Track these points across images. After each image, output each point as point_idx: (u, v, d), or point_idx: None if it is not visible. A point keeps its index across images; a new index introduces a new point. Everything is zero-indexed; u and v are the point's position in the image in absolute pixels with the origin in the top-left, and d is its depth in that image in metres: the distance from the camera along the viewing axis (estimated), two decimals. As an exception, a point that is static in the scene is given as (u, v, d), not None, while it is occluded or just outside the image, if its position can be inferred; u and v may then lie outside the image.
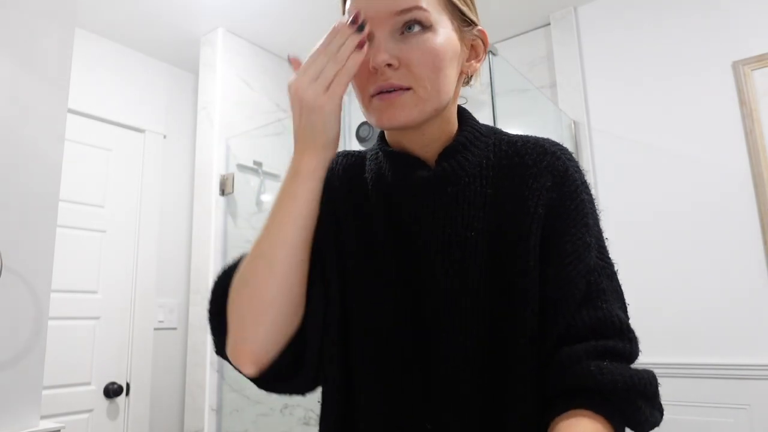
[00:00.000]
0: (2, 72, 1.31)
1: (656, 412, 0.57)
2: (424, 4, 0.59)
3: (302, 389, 0.67)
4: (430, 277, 0.63)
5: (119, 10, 2.27)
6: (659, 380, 0.58)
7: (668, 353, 1.90)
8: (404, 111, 0.59)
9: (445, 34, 0.60)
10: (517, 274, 0.60)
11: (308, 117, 0.59)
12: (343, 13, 0.67)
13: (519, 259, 0.61)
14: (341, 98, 0.59)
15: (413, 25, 0.59)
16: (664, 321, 1.93)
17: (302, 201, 0.60)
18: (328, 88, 0.58)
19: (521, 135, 0.70)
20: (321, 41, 0.60)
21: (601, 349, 0.56)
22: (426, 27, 0.59)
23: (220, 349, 0.65)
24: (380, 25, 0.59)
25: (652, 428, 0.57)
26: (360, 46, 0.58)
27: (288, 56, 0.63)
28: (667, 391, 1.99)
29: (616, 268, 0.64)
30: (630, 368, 0.56)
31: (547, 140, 0.68)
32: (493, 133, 0.69)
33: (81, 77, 2.29)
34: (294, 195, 0.60)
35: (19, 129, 1.32)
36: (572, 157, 0.68)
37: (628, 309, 0.63)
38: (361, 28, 0.58)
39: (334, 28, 0.59)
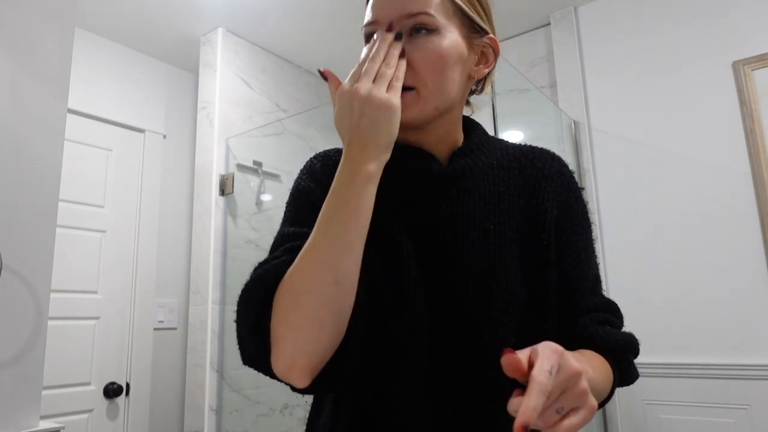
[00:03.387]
0: (2, 72, 1.31)
1: (635, 369, 0.71)
2: (431, 10, 0.64)
3: (345, 386, 0.63)
4: (451, 266, 0.65)
5: (119, 10, 2.27)
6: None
7: (668, 353, 1.90)
8: (407, 109, 0.62)
9: (451, 38, 0.65)
10: (542, 265, 0.68)
11: (373, 116, 0.58)
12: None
13: (543, 253, 0.68)
14: (399, 99, 0.60)
15: (420, 28, 0.64)
16: (664, 321, 1.93)
17: (364, 204, 0.58)
18: (389, 88, 0.60)
19: (523, 144, 0.77)
20: (365, 51, 0.64)
21: (602, 319, 0.69)
22: (431, 30, 0.64)
23: (257, 361, 0.60)
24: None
25: (635, 379, 0.71)
26: (402, 55, 0.62)
27: (319, 70, 0.66)
28: (667, 391, 1.99)
29: (598, 261, 0.77)
30: (622, 332, 0.70)
31: (548, 149, 0.77)
32: (498, 141, 0.76)
33: (81, 77, 2.30)
34: (355, 199, 0.58)
35: (19, 129, 1.32)
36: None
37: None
38: (398, 37, 0.63)
39: (376, 38, 0.64)
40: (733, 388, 1.78)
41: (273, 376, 0.60)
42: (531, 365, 0.44)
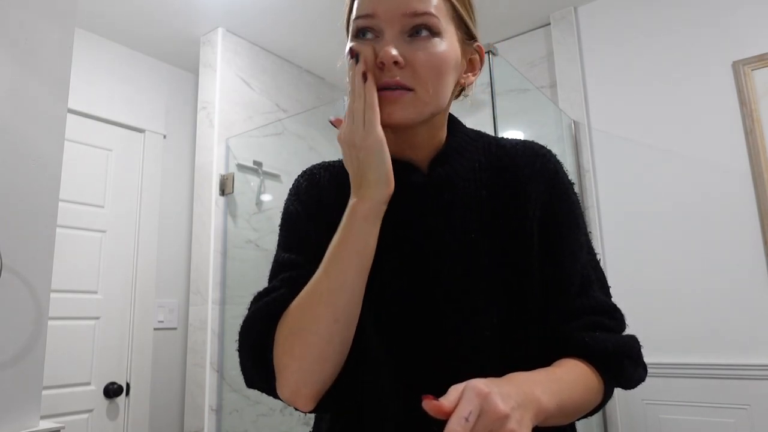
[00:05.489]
0: (2, 72, 1.31)
1: (640, 369, 0.66)
2: (435, 11, 0.61)
3: (346, 404, 0.66)
4: (435, 280, 0.64)
5: (119, 10, 2.27)
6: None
7: (668, 353, 1.90)
8: (404, 110, 0.61)
9: (450, 42, 0.63)
10: (523, 273, 0.65)
11: (358, 157, 0.60)
12: (350, 11, 0.68)
13: (524, 259, 0.65)
14: (380, 131, 0.59)
15: (422, 29, 0.61)
16: (663, 321, 1.93)
17: (361, 244, 0.60)
18: (364, 125, 0.59)
19: (507, 138, 0.74)
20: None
21: (591, 323, 0.65)
22: (434, 33, 0.61)
23: (261, 386, 0.63)
24: (390, 24, 0.61)
25: (638, 383, 0.67)
26: (364, 77, 0.60)
27: (329, 120, 0.65)
28: (667, 391, 1.99)
29: (599, 258, 0.72)
30: (616, 335, 0.65)
31: (534, 142, 0.72)
32: (481, 137, 0.73)
33: (81, 77, 2.29)
34: (351, 239, 0.60)
35: (19, 129, 1.32)
36: (557, 158, 0.73)
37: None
38: (357, 59, 0.60)
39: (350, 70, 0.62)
40: (733, 388, 1.78)
41: (277, 397, 0.62)
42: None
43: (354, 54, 0.60)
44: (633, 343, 0.66)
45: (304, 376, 0.59)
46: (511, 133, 2.23)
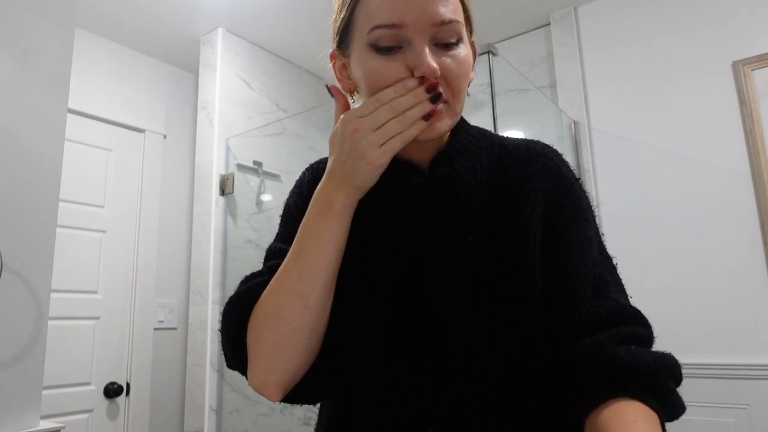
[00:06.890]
0: (2, 72, 1.31)
1: (681, 399, 0.55)
2: (459, 18, 0.59)
3: (321, 398, 0.67)
4: (431, 282, 0.62)
5: (119, 10, 2.27)
6: None
7: (668, 353, 1.90)
8: (442, 124, 0.59)
9: (467, 45, 0.61)
10: (519, 275, 0.61)
11: (355, 162, 0.56)
12: (346, 12, 0.63)
13: (521, 260, 0.61)
14: (390, 159, 0.57)
15: (452, 37, 0.58)
16: (664, 321, 1.92)
17: (335, 238, 0.59)
18: (383, 146, 0.56)
19: (511, 138, 0.71)
20: (387, 91, 0.57)
21: (624, 334, 0.55)
22: (460, 39, 0.59)
23: (238, 370, 0.64)
24: (420, 34, 0.57)
25: (683, 412, 0.54)
26: (427, 117, 0.56)
27: (326, 85, 0.62)
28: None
29: (615, 263, 0.66)
30: (655, 351, 0.55)
31: (538, 142, 0.70)
32: (484, 136, 0.70)
33: (81, 77, 2.29)
34: (326, 232, 0.59)
35: (19, 129, 1.32)
36: (563, 158, 0.69)
37: (632, 303, 0.64)
38: (434, 99, 0.56)
39: (406, 83, 0.56)
40: (733, 388, 1.78)
41: None
42: None
43: (436, 88, 0.57)
44: (675, 361, 0.55)
45: (273, 365, 0.59)
46: (511, 133, 2.23)
